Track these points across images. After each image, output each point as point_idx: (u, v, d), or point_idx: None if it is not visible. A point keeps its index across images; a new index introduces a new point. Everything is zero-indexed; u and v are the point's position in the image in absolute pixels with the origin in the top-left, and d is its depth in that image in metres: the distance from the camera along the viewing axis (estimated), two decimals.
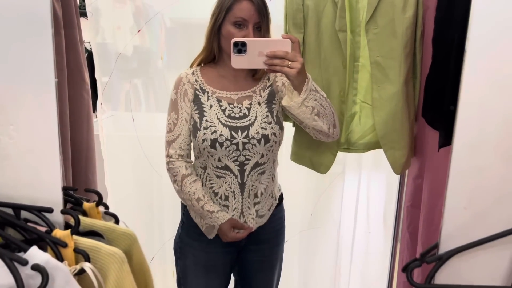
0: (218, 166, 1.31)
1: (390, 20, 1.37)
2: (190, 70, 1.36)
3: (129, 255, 0.86)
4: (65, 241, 0.77)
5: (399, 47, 1.38)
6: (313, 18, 1.41)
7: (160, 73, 2.03)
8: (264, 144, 1.30)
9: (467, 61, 0.83)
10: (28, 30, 0.76)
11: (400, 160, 1.49)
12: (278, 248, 1.49)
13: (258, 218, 1.37)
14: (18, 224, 0.77)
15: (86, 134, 1.62)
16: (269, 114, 1.32)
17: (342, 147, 1.53)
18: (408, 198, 1.68)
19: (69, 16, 1.46)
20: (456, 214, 0.89)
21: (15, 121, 0.79)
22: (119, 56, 1.90)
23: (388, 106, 1.42)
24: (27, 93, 0.78)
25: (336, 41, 1.39)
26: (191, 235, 1.41)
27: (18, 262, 0.70)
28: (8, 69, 0.77)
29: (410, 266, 0.89)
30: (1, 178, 0.81)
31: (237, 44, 1.17)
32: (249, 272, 1.49)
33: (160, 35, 1.98)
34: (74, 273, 0.76)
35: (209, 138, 1.27)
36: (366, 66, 1.45)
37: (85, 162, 1.61)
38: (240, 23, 1.24)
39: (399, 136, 1.46)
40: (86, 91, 1.60)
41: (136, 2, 1.95)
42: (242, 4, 1.24)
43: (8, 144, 0.80)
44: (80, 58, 1.56)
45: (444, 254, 0.88)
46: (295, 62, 1.17)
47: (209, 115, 1.30)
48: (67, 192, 0.89)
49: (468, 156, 0.87)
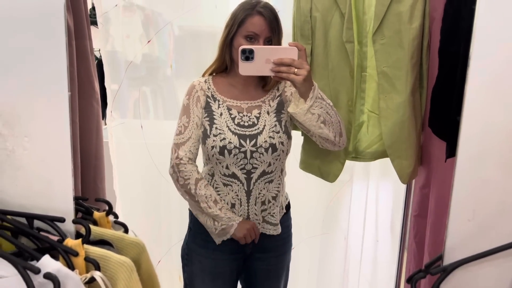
0: (226, 173, 1.33)
1: (397, 31, 1.38)
2: (202, 78, 1.40)
3: (137, 263, 0.88)
4: (76, 250, 0.79)
5: (405, 58, 1.39)
6: (320, 29, 1.43)
7: (169, 81, 2.06)
8: (272, 153, 1.31)
9: (470, 75, 0.85)
10: (43, 44, 0.79)
11: (407, 170, 1.50)
12: (285, 256, 1.49)
13: (265, 224, 1.39)
14: (31, 233, 0.79)
15: (95, 142, 1.65)
16: (278, 123, 1.34)
17: (350, 156, 1.54)
18: (415, 208, 1.68)
19: (80, 27, 1.49)
20: (460, 226, 0.90)
21: (29, 133, 0.82)
22: (130, 64, 1.93)
23: (395, 116, 1.43)
24: (41, 106, 0.81)
25: (343, 52, 1.41)
26: (198, 242, 1.42)
27: (31, 270, 0.73)
28: (24, 82, 0.80)
29: (415, 278, 0.90)
30: (15, 188, 0.83)
31: (245, 51, 1.19)
32: (256, 281, 1.50)
33: (169, 43, 2.01)
34: (85, 281, 0.78)
35: (218, 145, 1.30)
36: (373, 76, 1.46)
37: (93, 170, 1.64)
38: (252, 36, 1.27)
39: (406, 145, 1.47)
40: (96, 100, 1.63)
41: (145, 11, 1.98)
42: (254, 19, 1.27)
43: (22, 155, 0.82)
44: (91, 68, 1.58)
45: (448, 265, 0.88)
46: (302, 69, 1.19)
47: (219, 122, 1.32)
48: (78, 202, 0.91)
49: (472, 168, 0.88)
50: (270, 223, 1.39)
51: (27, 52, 0.79)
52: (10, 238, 0.77)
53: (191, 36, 1.98)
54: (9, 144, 0.82)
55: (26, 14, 0.78)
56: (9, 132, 0.81)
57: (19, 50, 0.79)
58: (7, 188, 0.83)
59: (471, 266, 0.89)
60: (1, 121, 0.81)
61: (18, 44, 0.79)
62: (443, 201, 1.40)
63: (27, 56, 0.79)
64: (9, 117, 0.81)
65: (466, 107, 0.86)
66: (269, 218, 1.38)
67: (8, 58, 0.79)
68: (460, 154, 0.88)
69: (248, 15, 1.27)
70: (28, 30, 0.79)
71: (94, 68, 1.63)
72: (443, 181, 1.42)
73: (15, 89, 0.80)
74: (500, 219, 0.89)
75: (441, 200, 1.42)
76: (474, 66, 0.84)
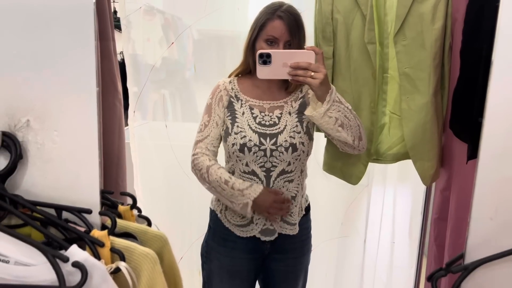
0: (245, 171, 1.35)
1: (419, 32, 1.38)
2: (228, 79, 1.44)
3: (160, 256, 0.90)
4: (103, 241, 0.81)
5: (428, 59, 1.38)
6: (342, 31, 1.44)
7: (188, 84, 2.09)
8: (292, 152, 1.33)
9: (494, 71, 0.84)
10: (73, 43, 0.82)
11: (429, 171, 1.49)
12: (303, 259, 1.50)
13: (283, 223, 1.40)
14: (59, 223, 0.82)
15: (118, 141, 1.68)
16: (299, 124, 1.36)
17: (371, 158, 1.53)
18: (436, 211, 1.67)
19: (105, 29, 1.53)
20: (482, 224, 0.89)
21: (59, 127, 0.84)
22: (152, 68, 1.96)
23: (417, 117, 1.42)
24: (71, 101, 0.83)
25: (365, 53, 1.41)
26: (217, 240, 1.44)
27: (60, 259, 0.75)
28: (55, 78, 0.83)
29: (435, 276, 0.89)
30: (44, 180, 0.86)
31: (262, 55, 1.22)
32: (273, 281, 1.51)
33: (188, 47, 2.04)
34: (110, 271, 0.80)
35: (239, 142, 1.33)
36: (395, 78, 1.46)
37: (116, 168, 1.67)
38: (271, 40, 1.30)
39: (429, 147, 1.46)
40: (118, 100, 1.66)
41: (165, 15, 2.02)
42: (275, 23, 1.30)
43: (52, 148, 0.85)
44: (114, 69, 1.62)
45: (470, 264, 0.88)
46: (318, 73, 1.21)
47: (241, 121, 1.35)
48: (103, 195, 0.93)
49: (495, 166, 0.87)
50: (288, 222, 1.40)
51: (59, 50, 0.82)
52: (40, 228, 0.80)
53: (210, 40, 2.02)
54: (40, 138, 0.85)
55: (58, 13, 0.81)
56: (40, 126, 0.84)
57: (51, 48, 0.82)
58: (37, 181, 0.86)
59: (493, 265, 0.89)
60: (33, 116, 0.84)
61: (50, 42, 0.82)
62: (464, 203, 1.38)
63: (58, 53, 0.82)
64: (40, 112, 0.84)
65: (490, 103, 0.86)
66: (287, 218, 1.39)
67: (41, 55, 0.82)
68: (483, 152, 0.87)
69: (268, 19, 1.31)
70: (60, 28, 0.82)
71: (117, 69, 1.67)
72: (464, 183, 1.41)
73: (46, 84, 0.83)
74: None
75: (462, 202, 1.41)
76: (497, 63, 0.84)
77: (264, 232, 1.40)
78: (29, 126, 0.84)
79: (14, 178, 0.86)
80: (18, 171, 0.86)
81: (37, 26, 0.81)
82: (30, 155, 0.85)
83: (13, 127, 0.84)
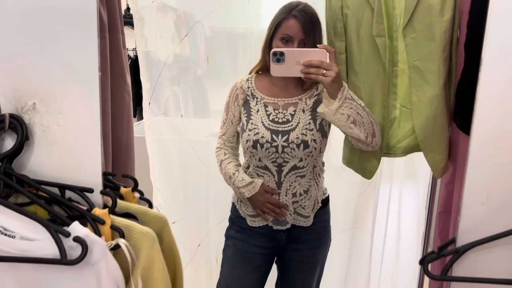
0: (259, 165, 1.42)
1: (428, 24, 1.38)
2: (246, 77, 1.50)
3: (160, 237, 0.93)
4: (103, 218, 0.85)
5: (437, 51, 1.38)
6: (352, 25, 1.45)
7: (199, 81, 2.12)
8: (304, 149, 1.37)
9: (485, 57, 0.86)
10: (76, 28, 0.86)
11: (440, 164, 1.48)
12: (319, 250, 1.53)
13: (296, 215, 1.44)
14: (63, 201, 0.86)
15: (126, 132, 1.72)
16: (312, 121, 1.39)
17: (382, 152, 1.54)
18: (440, 204, 1.67)
19: (114, 21, 1.57)
20: (474, 209, 0.91)
21: (63, 110, 0.88)
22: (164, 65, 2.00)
23: (428, 110, 1.41)
24: (74, 85, 0.87)
25: (375, 47, 1.42)
26: (236, 229, 1.52)
27: (62, 234, 0.79)
28: (58, 64, 0.87)
29: (427, 259, 0.91)
30: (50, 161, 0.90)
31: (276, 53, 1.26)
32: (288, 271, 1.55)
33: (200, 44, 2.08)
34: (110, 247, 0.83)
35: (252, 139, 1.38)
36: (405, 71, 1.45)
37: (124, 159, 1.71)
38: (287, 39, 1.35)
39: (439, 139, 1.45)
40: (127, 92, 1.70)
41: (178, 12, 2.05)
42: (289, 22, 1.34)
43: (57, 131, 0.89)
44: (123, 61, 1.66)
45: (460, 247, 0.90)
46: (330, 71, 1.24)
47: (255, 118, 1.41)
48: (106, 177, 0.97)
49: (486, 151, 0.89)
50: (301, 215, 1.45)
51: (62, 35, 0.86)
52: (44, 205, 0.84)
53: (221, 37, 2.05)
54: (45, 121, 0.89)
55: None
56: (45, 109, 0.88)
57: (55, 33, 0.86)
58: (43, 162, 0.90)
59: (484, 249, 0.90)
60: (38, 99, 0.88)
61: (54, 28, 0.86)
62: None
63: (62, 39, 0.86)
64: (46, 95, 0.88)
65: (481, 89, 0.87)
66: (299, 210, 1.44)
67: (45, 41, 0.86)
68: (474, 137, 0.89)
69: (284, 18, 1.35)
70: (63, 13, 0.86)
71: (126, 62, 1.71)
72: None
73: (51, 69, 0.87)
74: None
75: None
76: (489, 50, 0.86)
77: (276, 221, 1.45)
78: (35, 109, 0.88)
79: (21, 159, 0.90)
80: (25, 153, 0.90)
81: (41, 12, 0.85)
82: (36, 137, 0.90)
83: (20, 109, 0.88)
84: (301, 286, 1.55)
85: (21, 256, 0.80)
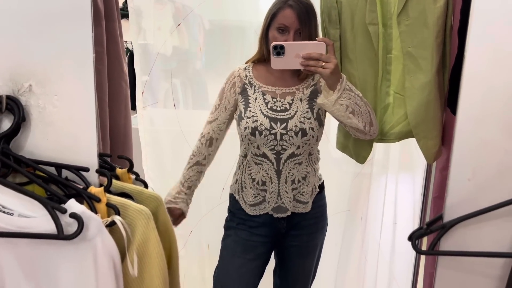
0: (257, 153, 1.43)
1: (422, 11, 1.39)
2: (243, 65, 1.51)
3: (155, 215, 0.96)
4: (99, 196, 0.87)
5: (431, 37, 1.39)
6: (346, 13, 1.46)
7: (198, 73, 2.14)
8: (302, 137, 1.39)
9: (470, 38, 0.88)
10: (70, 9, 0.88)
11: (433, 150, 1.50)
12: (317, 235, 1.56)
13: (296, 202, 1.46)
14: (59, 180, 0.88)
15: (124, 120, 1.74)
16: (309, 110, 1.41)
17: (376, 138, 1.55)
18: (435, 190, 1.68)
19: (110, 10, 1.58)
20: (460, 185, 0.93)
21: (58, 91, 0.91)
22: (157, 55, 2.00)
23: (420, 96, 1.43)
24: (69, 67, 0.89)
25: (369, 35, 1.43)
26: (236, 221, 1.53)
27: (59, 210, 0.81)
28: (53, 46, 0.89)
29: (415, 234, 0.93)
30: (46, 142, 0.93)
31: (276, 47, 1.29)
32: (288, 257, 1.57)
33: (199, 37, 2.09)
34: (106, 224, 0.86)
35: (250, 126, 1.40)
36: (398, 58, 1.47)
37: (122, 147, 1.73)
38: (283, 28, 1.36)
39: (432, 125, 1.47)
40: (124, 81, 1.72)
41: (176, 4, 2.06)
42: (285, 12, 1.36)
43: (52, 112, 0.91)
44: (120, 50, 1.68)
45: (447, 222, 0.92)
46: (329, 63, 1.27)
47: (253, 106, 1.42)
48: (102, 159, 1.00)
49: (472, 129, 0.91)
50: (300, 201, 1.47)
51: (56, 17, 0.88)
52: (42, 183, 0.86)
53: (220, 30, 2.05)
54: (41, 102, 0.91)
55: None
56: (41, 91, 0.90)
57: (49, 15, 0.88)
58: (39, 143, 0.93)
59: (471, 224, 0.93)
60: (34, 81, 0.90)
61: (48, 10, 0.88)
62: None
63: (56, 21, 0.88)
64: (41, 77, 0.90)
65: (466, 70, 0.89)
66: (299, 197, 1.47)
67: (40, 23, 0.88)
68: (460, 115, 0.91)
69: (280, 8, 1.37)
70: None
71: (123, 50, 1.72)
72: None
73: (46, 51, 0.89)
74: (499, 179, 0.92)
75: None
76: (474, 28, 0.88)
77: (276, 209, 1.47)
78: (31, 91, 0.90)
79: (18, 140, 0.93)
80: (22, 134, 0.92)
81: None
82: (33, 118, 0.92)
83: (16, 91, 0.90)
84: (301, 271, 1.57)
85: (20, 232, 0.82)
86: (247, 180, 1.47)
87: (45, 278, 0.87)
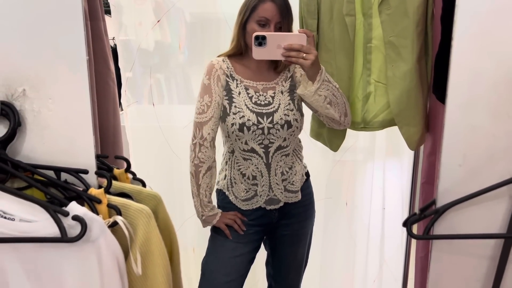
0: (245, 149, 1.43)
1: (402, 0, 1.42)
2: (220, 58, 1.47)
3: (155, 213, 0.97)
4: (100, 198, 0.88)
5: (411, 26, 1.42)
6: (326, 4, 1.47)
7: (181, 68, 2.12)
8: (287, 129, 1.41)
9: (457, 24, 0.90)
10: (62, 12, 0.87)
11: (415, 137, 1.53)
12: (306, 222, 1.58)
13: (287, 193, 1.49)
14: (59, 183, 0.89)
15: (113, 120, 1.73)
16: (291, 102, 1.43)
17: (359, 127, 1.58)
18: (423, 175, 1.72)
19: (94, 9, 1.57)
20: (452, 171, 0.96)
21: (53, 95, 0.90)
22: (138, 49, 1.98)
23: (402, 84, 1.46)
24: (63, 69, 0.89)
25: (346, 26, 1.46)
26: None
27: (61, 213, 0.82)
28: (47, 49, 0.88)
29: (410, 220, 0.96)
30: (42, 146, 0.93)
31: (258, 37, 1.29)
32: (281, 246, 1.59)
33: (181, 30, 2.07)
34: (108, 225, 0.87)
35: (238, 122, 1.39)
36: (379, 47, 1.49)
37: (112, 147, 1.72)
38: (263, 22, 1.36)
39: (414, 113, 1.50)
40: (112, 80, 1.71)
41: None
42: (266, 5, 1.35)
43: (48, 115, 0.91)
44: (106, 48, 1.66)
45: (440, 207, 0.95)
46: (310, 54, 1.29)
47: (238, 101, 1.41)
48: (99, 160, 1.00)
49: (461, 115, 0.94)
50: (291, 191, 1.49)
51: (48, 20, 0.88)
52: (42, 187, 0.86)
53: (202, 23, 2.03)
54: (36, 106, 0.91)
55: None
56: (35, 95, 0.90)
57: (41, 20, 0.88)
58: (36, 147, 0.93)
59: (463, 208, 0.96)
60: (28, 85, 0.90)
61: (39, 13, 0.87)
62: None
63: (47, 24, 0.87)
64: (35, 81, 0.89)
65: (454, 55, 0.92)
66: (289, 187, 1.49)
67: (31, 27, 0.88)
68: (450, 101, 0.94)
69: (260, 1, 1.36)
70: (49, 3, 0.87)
71: (109, 49, 1.71)
72: None
73: (39, 55, 0.89)
74: (489, 163, 0.95)
75: None
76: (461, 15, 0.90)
77: (269, 201, 1.48)
78: (26, 95, 0.90)
79: (14, 145, 0.92)
80: (18, 138, 0.92)
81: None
82: (28, 123, 0.92)
83: (10, 96, 0.90)
84: (293, 258, 1.60)
85: (24, 237, 0.82)
86: (236, 176, 1.46)
87: (49, 281, 0.88)
